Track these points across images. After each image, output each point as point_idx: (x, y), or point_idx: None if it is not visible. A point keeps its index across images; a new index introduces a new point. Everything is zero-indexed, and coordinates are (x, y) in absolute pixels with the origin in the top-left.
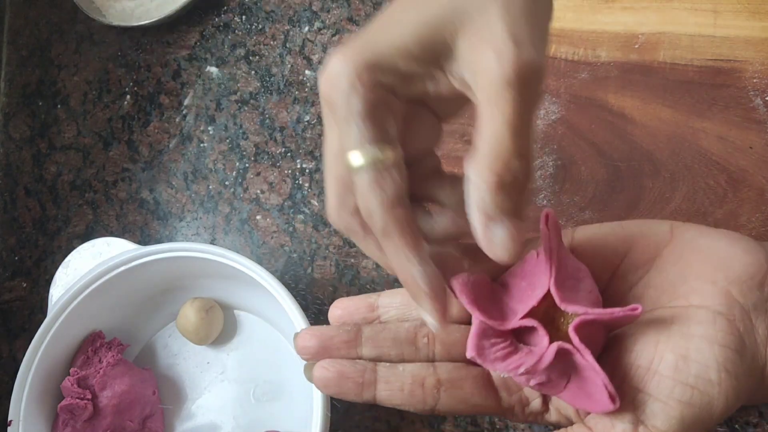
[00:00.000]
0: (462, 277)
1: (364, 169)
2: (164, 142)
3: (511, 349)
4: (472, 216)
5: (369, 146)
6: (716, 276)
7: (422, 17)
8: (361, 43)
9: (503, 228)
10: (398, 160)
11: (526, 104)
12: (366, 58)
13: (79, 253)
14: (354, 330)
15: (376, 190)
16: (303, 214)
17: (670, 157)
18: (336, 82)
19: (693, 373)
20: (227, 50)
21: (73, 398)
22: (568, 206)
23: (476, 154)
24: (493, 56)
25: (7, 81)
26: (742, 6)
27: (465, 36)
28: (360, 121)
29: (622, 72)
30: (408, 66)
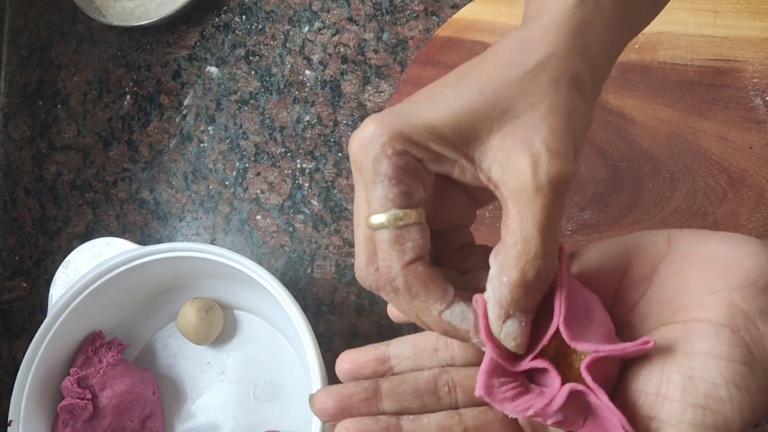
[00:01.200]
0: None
1: (385, 227)
2: (164, 142)
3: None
4: (489, 305)
5: (391, 207)
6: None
7: (463, 104)
8: (398, 113)
9: (516, 323)
10: (420, 220)
11: (556, 210)
12: (400, 128)
13: (79, 253)
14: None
15: (395, 247)
16: (303, 214)
17: (670, 157)
18: (367, 144)
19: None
20: (227, 50)
21: (73, 398)
22: (568, 206)
23: (503, 249)
24: (528, 162)
25: (7, 81)
26: (742, 6)
27: (500, 135)
28: (386, 184)
29: (622, 72)
30: (439, 147)
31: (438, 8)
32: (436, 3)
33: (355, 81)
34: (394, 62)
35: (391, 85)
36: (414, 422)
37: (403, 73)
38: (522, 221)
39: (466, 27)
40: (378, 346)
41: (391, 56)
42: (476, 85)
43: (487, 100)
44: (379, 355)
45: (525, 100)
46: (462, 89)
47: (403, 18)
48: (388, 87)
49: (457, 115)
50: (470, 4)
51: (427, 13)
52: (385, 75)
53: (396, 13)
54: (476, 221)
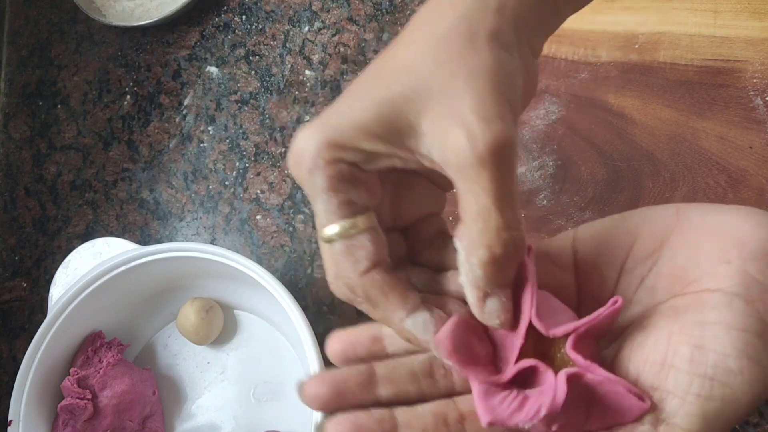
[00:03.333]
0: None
1: (334, 240)
2: (164, 142)
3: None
4: (465, 290)
5: (336, 219)
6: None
7: (383, 95)
8: (323, 121)
9: (496, 300)
10: (369, 225)
11: (505, 176)
12: (327, 136)
13: (79, 253)
14: (367, 370)
15: (348, 259)
16: (303, 214)
17: (670, 157)
18: (299, 159)
19: (710, 363)
20: (227, 50)
21: (73, 398)
22: (568, 206)
23: (465, 231)
24: (461, 135)
25: (7, 81)
26: (742, 6)
27: (428, 115)
28: (324, 197)
29: (622, 72)
30: (370, 145)
31: None
32: None
33: None
34: None
35: None
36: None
37: None
38: (474, 197)
39: None
40: (371, 326)
41: None
42: (393, 73)
43: (405, 84)
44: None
45: (444, 70)
46: (381, 81)
47: (403, 18)
48: None
49: (380, 108)
50: None
51: None
52: None
53: (396, 13)
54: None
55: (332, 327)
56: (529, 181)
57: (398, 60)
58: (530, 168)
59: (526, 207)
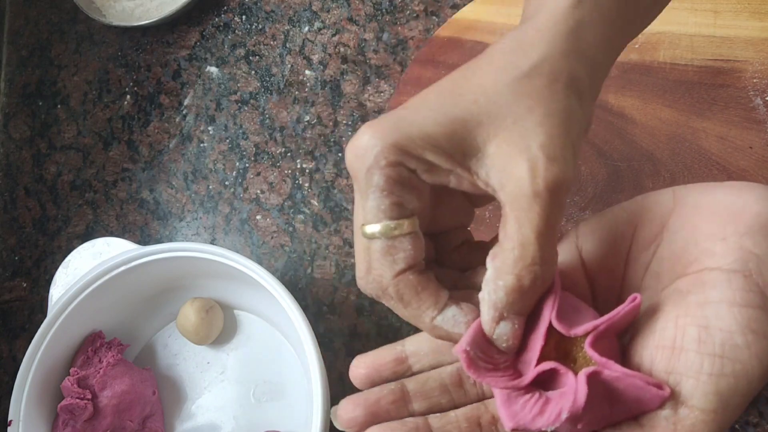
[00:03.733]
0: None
1: (377, 237)
2: (164, 142)
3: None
4: (482, 307)
5: (383, 218)
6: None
7: (457, 114)
8: (393, 122)
9: (509, 325)
10: (412, 230)
11: (554, 215)
12: (395, 139)
13: (79, 253)
14: (398, 387)
15: (387, 258)
16: (303, 214)
17: (670, 157)
18: (362, 154)
19: (717, 341)
20: (227, 50)
21: (73, 398)
22: (568, 206)
23: (501, 253)
24: (525, 168)
25: (7, 81)
26: (742, 6)
27: (497, 142)
28: (378, 194)
29: (622, 72)
30: (434, 158)
31: (438, 8)
32: (436, 3)
33: (355, 81)
34: (394, 62)
35: (391, 85)
36: (442, 418)
37: (403, 73)
38: (520, 227)
39: (466, 27)
40: (393, 347)
41: (391, 56)
42: (471, 93)
43: (481, 108)
44: (396, 355)
45: (521, 104)
46: (457, 97)
47: (403, 18)
48: (388, 87)
49: (452, 125)
50: (470, 4)
51: (427, 13)
52: (385, 75)
53: (396, 13)
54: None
55: (332, 327)
56: None
57: (477, 83)
58: None
59: None
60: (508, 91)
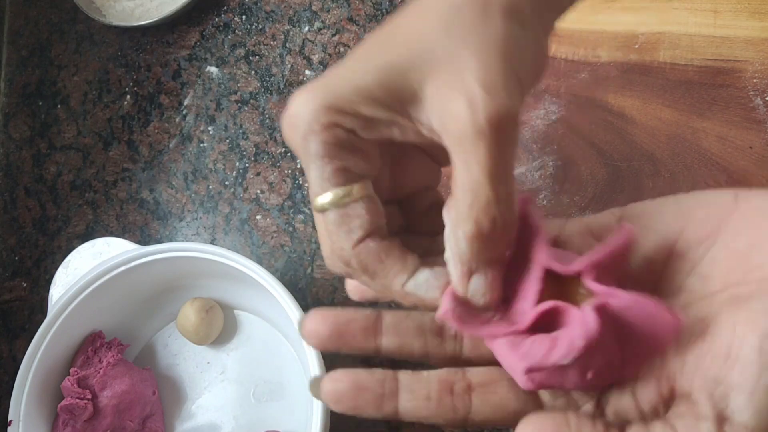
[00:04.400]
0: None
1: (327, 208)
2: (164, 142)
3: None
4: (449, 264)
5: (330, 187)
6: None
7: (387, 60)
8: (322, 83)
9: (482, 278)
10: (364, 194)
11: (502, 151)
12: (326, 99)
13: (79, 253)
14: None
15: (342, 228)
16: (303, 214)
17: (670, 157)
18: (294, 123)
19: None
20: (227, 50)
21: (73, 398)
22: (568, 206)
23: (454, 203)
24: (463, 104)
25: (7, 81)
26: (742, 6)
27: (433, 82)
28: (319, 163)
29: (622, 72)
30: (370, 110)
31: None
32: None
33: None
34: None
35: None
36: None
37: None
38: (468, 170)
39: None
40: None
41: None
42: (400, 39)
43: (413, 50)
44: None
45: (454, 39)
46: (387, 45)
47: None
48: None
49: (384, 72)
50: None
51: None
52: None
53: None
54: None
55: None
56: (529, 181)
57: (406, 27)
58: (530, 168)
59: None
60: (440, 28)
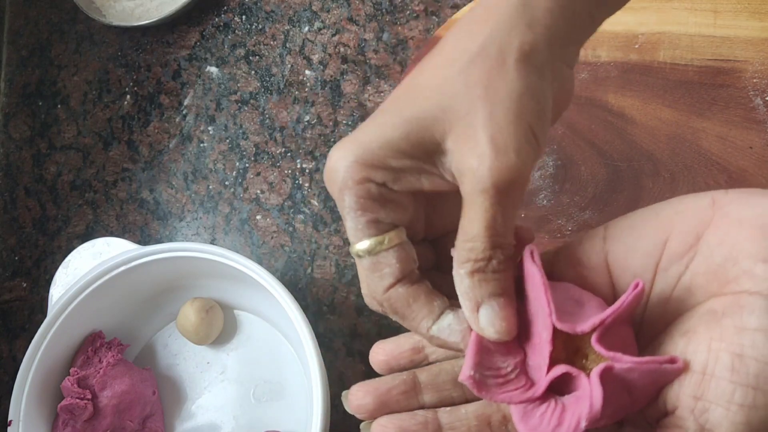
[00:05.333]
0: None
1: (361, 256)
2: (164, 142)
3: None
4: (461, 301)
5: (364, 237)
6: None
7: (412, 114)
8: (355, 138)
9: (490, 309)
10: (395, 243)
11: (504, 209)
12: (357, 155)
13: (79, 253)
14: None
15: (374, 274)
16: (303, 214)
17: (670, 157)
18: (332, 177)
19: (752, 372)
20: (227, 50)
21: (73, 398)
22: (568, 206)
23: (457, 245)
24: (474, 162)
25: (7, 81)
26: (742, 6)
27: (453, 137)
28: (353, 215)
29: (622, 72)
30: (399, 162)
31: (438, 8)
32: (436, 3)
33: (355, 81)
34: (394, 62)
35: (391, 85)
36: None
37: (403, 73)
38: (470, 221)
39: None
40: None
41: (391, 56)
42: (423, 92)
43: (434, 103)
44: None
45: (471, 93)
46: (410, 97)
47: (403, 18)
48: (388, 87)
49: (408, 125)
50: (470, 4)
51: (427, 13)
52: (385, 75)
53: (396, 13)
54: None
55: (332, 327)
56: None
57: (428, 78)
58: None
59: (526, 207)
60: (458, 81)
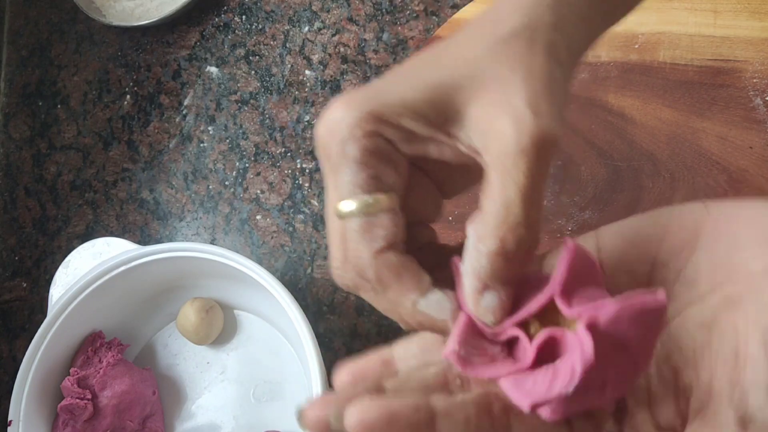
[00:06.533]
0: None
1: (354, 215)
2: (164, 142)
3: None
4: (465, 279)
5: (360, 193)
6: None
7: (435, 78)
8: (366, 92)
9: (495, 296)
10: (392, 206)
11: (540, 173)
12: (370, 107)
13: (79, 253)
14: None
15: (365, 236)
16: (303, 214)
17: (670, 157)
18: (334, 127)
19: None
20: (227, 50)
21: (73, 398)
22: (568, 206)
23: (482, 217)
24: (509, 123)
25: (7, 81)
26: (742, 6)
27: (479, 102)
28: (354, 167)
29: (622, 72)
30: (413, 124)
31: (438, 8)
32: (436, 3)
33: (355, 81)
34: (394, 62)
35: None
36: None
37: None
38: (503, 186)
39: None
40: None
41: (391, 56)
42: (450, 60)
43: (461, 72)
44: (383, 358)
45: (502, 65)
46: (435, 65)
47: (403, 18)
48: None
49: (431, 90)
50: (470, 4)
51: (427, 13)
52: None
53: (396, 13)
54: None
55: (332, 327)
56: None
57: (455, 51)
58: None
59: None
60: (489, 55)
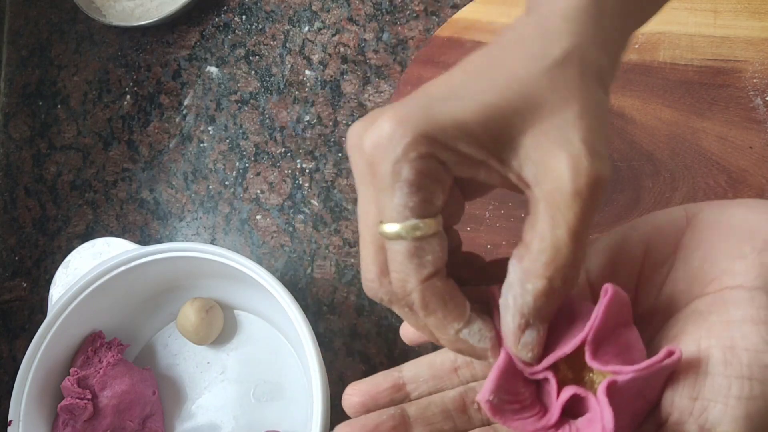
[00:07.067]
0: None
1: (403, 238)
2: (164, 142)
3: None
4: (506, 313)
5: (410, 216)
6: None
7: (492, 100)
8: (418, 107)
9: (535, 333)
10: (438, 230)
11: (591, 215)
12: (426, 129)
13: (79, 253)
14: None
15: (413, 261)
16: (303, 214)
17: (670, 157)
18: (386, 145)
19: (745, 363)
20: (227, 50)
21: (73, 398)
22: None
23: (529, 255)
24: (566, 164)
25: (7, 81)
26: (742, 6)
27: (534, 132)
28: (406, 189)
29: (622, 72)
30: (469, 149)
31: (438, 8)
32: (436, 3)
33: (355, 81)
34: (394, 62)
35: (391, 85)
36: None
37: (403, 73)
38: (554, 227)
39: (466, 27)
40: (389, 373)
41: (391, 56)
42: (502, 78)
43: (516, 95)
44: (393, 381)
45: (557, 94)
46: (487, 83)
47: (403, 18)
48: (388, 87)
49: (487, 112)
50: (470, 4)
51: (427, 13)
52: (385, 75)
53: (396, 13)
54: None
55: (332, 327)
56: None
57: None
58: None
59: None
60: (544, 81)
